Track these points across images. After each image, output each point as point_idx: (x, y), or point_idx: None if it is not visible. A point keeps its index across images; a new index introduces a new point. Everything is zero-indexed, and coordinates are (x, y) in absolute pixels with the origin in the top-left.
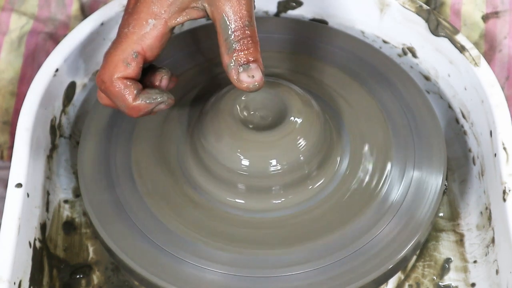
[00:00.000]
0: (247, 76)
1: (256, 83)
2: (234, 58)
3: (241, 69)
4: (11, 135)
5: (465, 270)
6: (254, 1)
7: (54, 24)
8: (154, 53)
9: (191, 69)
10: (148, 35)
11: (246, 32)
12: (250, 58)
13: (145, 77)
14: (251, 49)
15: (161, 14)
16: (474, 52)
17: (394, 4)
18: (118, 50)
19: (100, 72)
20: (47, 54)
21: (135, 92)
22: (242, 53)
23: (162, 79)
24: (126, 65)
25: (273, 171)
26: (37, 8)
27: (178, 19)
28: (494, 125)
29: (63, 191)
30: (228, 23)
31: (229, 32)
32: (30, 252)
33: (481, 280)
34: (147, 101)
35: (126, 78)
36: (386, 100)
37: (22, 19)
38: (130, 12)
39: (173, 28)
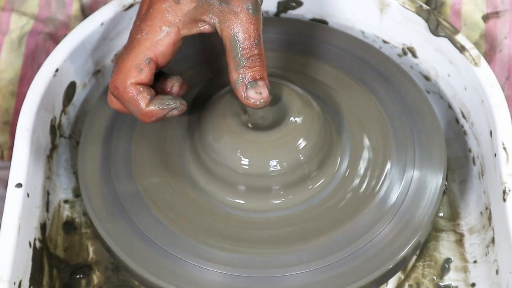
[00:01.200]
0: (254, 93)
1: (262, 100)
2: (242, 75)
3: (248, 85)
4: (11, 135)
5: (465, 270)
6: (262, 20)
7: (54, 24)
8: (166, 59)
9: (190, 69)
10: (161, 41)
11: (255, 50)
12: (257, 76)
13: (156, 83)
14: (259, 67)
15: (175, 22)
16: (474, 52)
17: (394, 4)
18: (131, 55)
19: (113, 78)
20: (47, 54)
21: (148, 97)
22: (250, 70)
23: (173, 85)
24: (139, 71)
25: (273, 171)
26: (37, 8)
27: (190, 30)
28: (494, 125)
29: (63, 191)
30: (237, 41)
31: (238, 50)
32: (30, 252)
33: (481, 280)
34: (160, 107)
35: (139, 83)
36: (386, 100)
37: (23, 19)
38: (142, 18)
39: (184, 37)
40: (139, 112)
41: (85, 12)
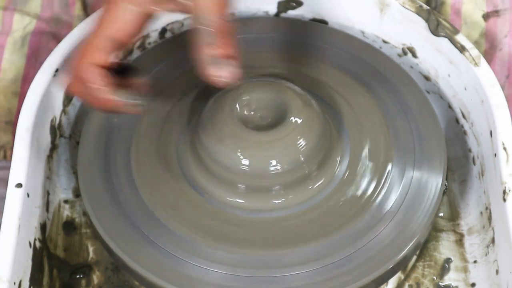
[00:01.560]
0: (217, 70)
1: (225, 79)
2: (207, 52)
3: (212, 62)
4: (14, 135)
5: (465, 270)
6: None
7: (57, 24)
8: (127, 38)
9: (191, 69)
10: (122, 20)
11: (222, 26)
12: (223, 52)
13: (122, 77)
14: (225, 43)
15: (137, 0)
16: (474, 52)
17: (394, 4)
18: (92, 36)
19: (75, 58)
20: (50, 54)
21: (106, 83)
22: (216, 46)
23: (137, 83)
24: (100, 51)
25: (273, 171)
26: (40, 8)
27: (155, 7)
28: (494, 125)
29: (63, 191)
30: (205, 16)
31: (206, 25)
32: (30, 252)
33: (481, 280)
34: (118, 98)
35: (100, 64)
36: (386, 100)
37: (25, 19)
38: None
39: (149, 15)
40: (95, 96)
41: (88, 12)
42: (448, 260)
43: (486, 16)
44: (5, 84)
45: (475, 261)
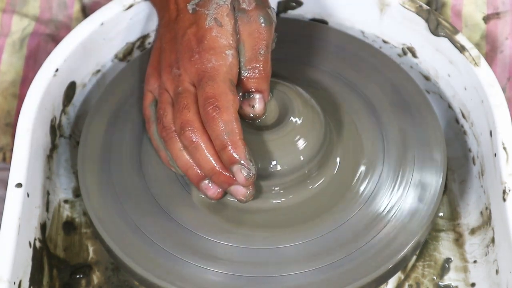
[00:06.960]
0: (248, 104)
1: (254, 114)
2: (240, 85)
3: (246, 96)
4: (14, 137)
5: (465, 270)
6: (274, 33)
7: (56, 26)
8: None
9: None
10: (233, 64)
11: (256, 62)
12: (253, 88)
13: None
14: (257, 79)
15: (229, 43)
16: (474, 52)
17: (394, 4)
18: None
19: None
20: (48, 55)
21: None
22: (249, 81)
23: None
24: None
25: (273, 171)
26: (38, 10)
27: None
28: (494, 125)
29: (63, 191)
30: (242, 50)
31: (241, 59)
32: (30, 252)
33: (481, 280)
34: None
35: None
36: (386, 100)
37: (24, 21)
38: (199, 51)
39: None
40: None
41: (86, 13)
42: (448, 260)
43: (486, 18)
44: (4, 86)
45: (475, 261)
